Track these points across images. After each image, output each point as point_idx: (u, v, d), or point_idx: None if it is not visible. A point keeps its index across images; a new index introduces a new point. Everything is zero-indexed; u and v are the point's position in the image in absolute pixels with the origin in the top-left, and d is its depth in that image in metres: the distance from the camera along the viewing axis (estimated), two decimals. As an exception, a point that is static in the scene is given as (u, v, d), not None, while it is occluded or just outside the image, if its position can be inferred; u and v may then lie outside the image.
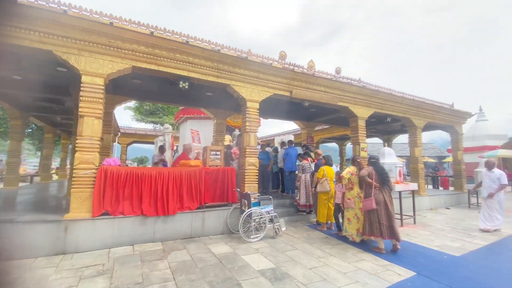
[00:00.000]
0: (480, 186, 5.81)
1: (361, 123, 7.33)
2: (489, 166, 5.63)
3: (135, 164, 37.45)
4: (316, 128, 12.63)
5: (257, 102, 5.62)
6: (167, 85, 5.98)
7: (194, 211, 4.69)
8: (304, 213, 6.29)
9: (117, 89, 6.29)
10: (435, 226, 6.01)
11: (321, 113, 8.78)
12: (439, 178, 13.52)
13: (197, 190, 4.76)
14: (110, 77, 4.45)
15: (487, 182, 5.58)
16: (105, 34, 4.17)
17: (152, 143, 16.15)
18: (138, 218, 4.25)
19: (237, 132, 11.20)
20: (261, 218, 4.62)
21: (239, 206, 4.95)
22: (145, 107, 20.08)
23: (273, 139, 15.21)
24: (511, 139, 18.07)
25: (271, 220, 4.80)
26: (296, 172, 6.87)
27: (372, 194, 4.15)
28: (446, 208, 8.64)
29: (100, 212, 4.05)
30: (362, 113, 7.34)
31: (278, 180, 8.13)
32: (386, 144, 11.50)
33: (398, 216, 6.14)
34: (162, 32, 4.54)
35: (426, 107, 8.68)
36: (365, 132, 7.40)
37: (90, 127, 4.12)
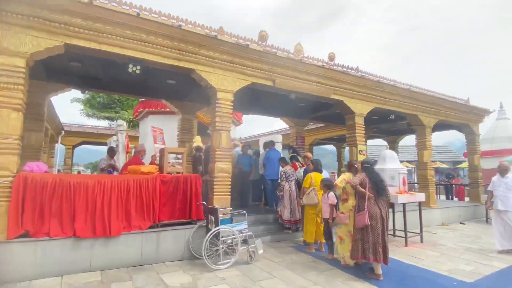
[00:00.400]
0: (492, 197, 5.94)
1: (359, 121, 7.36)
2: (503, 171, 5.77)
3: (89, 171, 35.95)
4: (309, 127, 12.67)
5: (230, 93, 5.49)
6: (115, 70, 5.73)
7: (145, 231, 4.47)
8: (290, 231, 6.20)
9: (51, 74, 5.96)
10: (446, 245, 6.09)
11: (313, 108, 8.77)
12: (454, 187, 13.93)
13: (149, 204, 4.54)
14: (36, 57, 4.17)
15: (501, 191, 5.70)
16: (28, 1, 3.90)
17: (106, 144, 15.63)
18: (70, 241, 3.98)
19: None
20: (233, 238, 4.47)
21: (204, 224, 4.78)
22: (98, 99, 19.44)
23: (258, 140, 15.14)
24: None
25: (245, 241, 4.66)
26: (279, 180, 6.78)
27: (365, 207, 4.07)
28: (461, 223, 8.85)
29: (17, 233, 3.76)
30: (361, 108, 7.37)
31: (260, 190, 8.02)
32: (388, 146, 11.64)
33: (402, 234, 6.18)
34: (106, 2, 4.32)
35: (437, 103, 8.87)
36: (363, 132, 7.44)
37: (4, 121, 3.82)
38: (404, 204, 6.16)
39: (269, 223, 6.42)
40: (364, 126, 7.45)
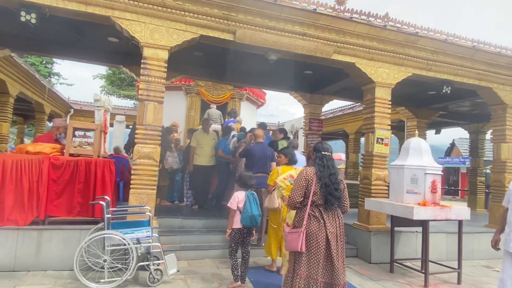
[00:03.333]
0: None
1: (383, 94, 5.89)
2: None
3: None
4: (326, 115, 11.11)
5: (163, 50, 4.70)
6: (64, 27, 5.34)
7: (24, 228, 4.06)
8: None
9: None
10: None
11: (326, 78, 7.39)
12: None
13: (33, 194, 4.11)
14: None
15: None
16: None
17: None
18: None
19: (214, 110, 10.42)
20: (124, 250, 3.78)
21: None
22: (119, 75, 20.43)
23: (293, 124, 14.04)
24: None
25: (148, 255, 3.94)
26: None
27: (304, 222, 2.98)
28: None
29: None
30: (386, 76, 5.87)
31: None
32: (417, 133, 9.27)
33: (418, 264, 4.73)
34: None
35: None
36: (389, 111, 5.95)
37: None
38: (426, 222, 4.66)
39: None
40: (390, 103, 5.95)
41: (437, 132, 12.65)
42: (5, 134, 9.38)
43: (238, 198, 4.03)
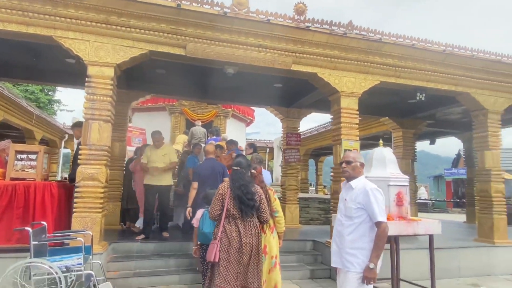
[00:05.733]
0: None
1: (349, 104, 5.64)
2: None
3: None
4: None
5: (109, 67, 4.58)
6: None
7: None
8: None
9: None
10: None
11: (299, 91, 7.18)
12: None
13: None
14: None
15: None
16: None
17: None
18: None
19: (199, 128, 10.28)
20: (56, 279, 3.51)
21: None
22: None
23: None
24: None
25: (88, 283, 3.66)
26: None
27: (219, 233, 3.14)
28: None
29: None
30: (352, 84, 5.64)
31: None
32: (381, 143, 8.83)
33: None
34: None
35: (508, 71, 6.39)
36: (356, 121, 5.68)
37: None
38: (396, 239, 4.29)
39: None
40: (357, 113, 5.68)
41: (432, 142, 12.24)
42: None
43: (198, 215, 4.13)
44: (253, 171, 3.79)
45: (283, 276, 4.95)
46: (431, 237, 4.47)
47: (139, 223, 6.33)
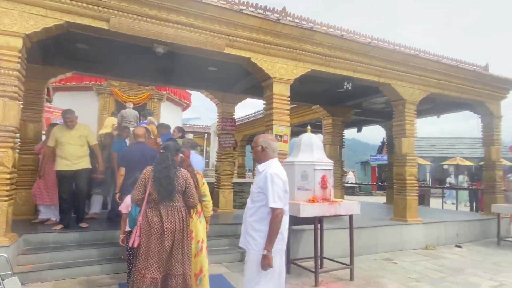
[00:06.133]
0: None
1: (281, 90, 5.72)
2: None
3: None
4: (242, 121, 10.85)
5: (16, 37, 4.02)
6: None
7: None
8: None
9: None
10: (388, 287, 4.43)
11: (234, 75, 7.12)
12: (478, 193, 11.85)
13: None
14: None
15: None
16: None
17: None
18: None
19: (130, 110, 9.66)
20: None
21: None
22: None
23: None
24: None
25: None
26: None
27: (140, 218, 3.05)
28: (456, 246, 7.05)
29: None
30: (284, 71, 5.72)
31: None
32: (309, 128, 9.53)
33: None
34: None
35: (424, 66, 7.01)
36: (288, 108, 5.80)
37: None
38: (320, 219, 4.53)
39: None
40: (288, 99, 5.79)
41: (359, 130, 13.11)
42: None
43: (127, 201, 3.83)
44: (181, 155, 3.67)
45: (214, 259, 5.01)
46: (351, 217, 4.79)
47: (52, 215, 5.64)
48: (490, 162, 8.45)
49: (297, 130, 11.86)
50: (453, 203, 13.94)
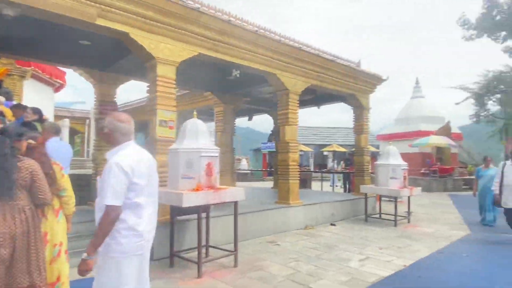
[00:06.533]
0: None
1: (166, 72, 5.31)
2: None
3: None
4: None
5: None
6: None
7: None
8: None
9: None
10: (269, 270, 4.55)
11: (112, 52, 6.33)
12: (350, 175, 13.49)
13: None
14: None
15: None
16: None
17: None
18: None
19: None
20: None
21: None
22: None
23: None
24: (447, 124, 20.13)
25: None
26: None
27: None
28: (331, 225, 7.83)
29: None
30: (169, 52, 5.31)
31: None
32: (195, 114, 9.79)
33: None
34: None
35: (306, 58, 7.46)
36: (173, 91, 5.45)
37: None
38: (205, 208, 4.38)
39: None
40: (174, 82, 5.43)
41: (250, 118, 13.51)
42: None
43: None
44: (31, 141, 3.02)
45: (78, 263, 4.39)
46: (236, 203, 4.77)
47: None
48: (360, 149, 9.62)
49: (190, 117, 11.47)
50: (341, 187, 15.49)
